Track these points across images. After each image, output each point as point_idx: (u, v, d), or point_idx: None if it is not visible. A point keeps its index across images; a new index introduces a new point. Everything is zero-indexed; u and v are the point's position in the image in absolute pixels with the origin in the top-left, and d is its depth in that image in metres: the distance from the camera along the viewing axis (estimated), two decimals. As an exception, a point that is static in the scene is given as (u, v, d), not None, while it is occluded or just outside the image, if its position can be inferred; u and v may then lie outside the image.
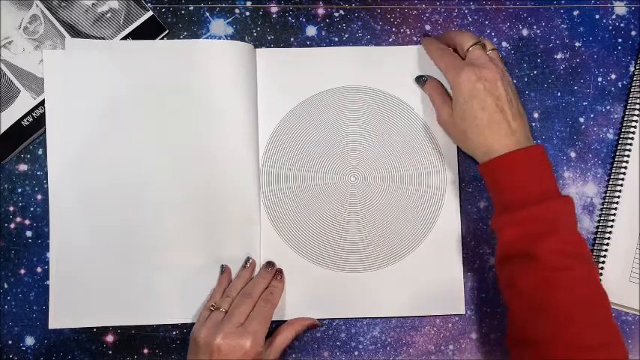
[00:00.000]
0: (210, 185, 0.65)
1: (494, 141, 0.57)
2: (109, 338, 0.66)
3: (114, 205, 0.65)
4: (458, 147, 0.66)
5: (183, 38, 0.67)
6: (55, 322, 0.65)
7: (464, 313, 0.66)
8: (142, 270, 0.65)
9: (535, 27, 0.68)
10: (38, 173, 0.66)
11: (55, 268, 0.64)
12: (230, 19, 0.68)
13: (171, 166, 0.65)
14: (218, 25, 0.68)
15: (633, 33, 0.68)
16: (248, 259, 0.65)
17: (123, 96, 0.65)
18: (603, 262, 0.65)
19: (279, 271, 0.65)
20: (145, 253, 0.65)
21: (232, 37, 0.68)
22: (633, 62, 0.68)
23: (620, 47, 0.68)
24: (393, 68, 0.67)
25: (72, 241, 0.64)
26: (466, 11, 0.68)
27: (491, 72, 0.58)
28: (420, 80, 0.66)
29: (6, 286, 0.65)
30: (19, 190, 0.66)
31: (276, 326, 0.63)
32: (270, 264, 0.65)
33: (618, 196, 0.65)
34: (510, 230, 0.56)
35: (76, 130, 0.65)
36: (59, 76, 0.65)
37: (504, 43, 0.68)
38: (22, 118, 0.65)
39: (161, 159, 0.65)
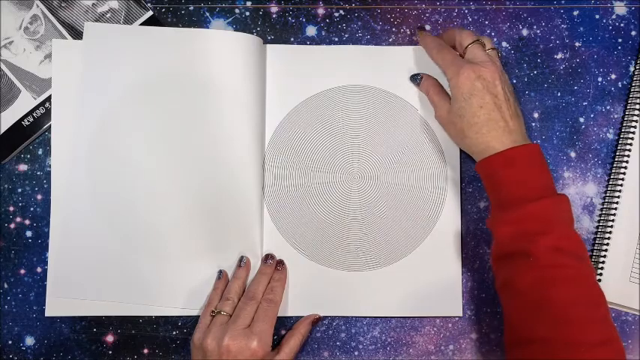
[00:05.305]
0: (216, 177, 0.65)
1: (491, 138, 0.57)
2: (109, 338, 0.66)
3: (118, 193, 0.65)
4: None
5: (184, 38, 0.67)
6: (51, 310, 0.65)
7: (461, 315, 0.66)
8: (143, 259, 0.65)
9: (535, 27, 0.68)
10: (38, 173, 0.66)
11: (55, 254, 0.65)
12: (230, 19, 0.68)
13: (177, 156, 0.65)
14: (218, 25, 0.68)
15: (633, 33, 0.68)
16: (242, 257, 0.65)
17: (131, 86, 0.65)
18: (603, 262, 0.65)
19: (280, 262, 0.65)
20: (147, 242, 0.65)
21: (232, 37, 0.68)
22: (633, 62, 0.68)
23: (620, 47, 0.68)
24: (397, 68, 0.67)
25: (73, 228, 0.64)
26: (466, 11, 0.68)
27: (490, 71, 0.58)
28: (416, 78, 0.66)
29: (6, 286, 0.65)
30: (19, 190, 0.66)
31: (280, 324, 0.64)
32: (269, 256, 0.65)
33: (618, 196, 0.65)
34: (506, 228, 0.56)
35: (82, 118, 0.65)
36: (67, 66, 0.65)
37: (504, 43, 0.68)
38: (22, 119, 0.66)
39: (167, 149, 0.65)
